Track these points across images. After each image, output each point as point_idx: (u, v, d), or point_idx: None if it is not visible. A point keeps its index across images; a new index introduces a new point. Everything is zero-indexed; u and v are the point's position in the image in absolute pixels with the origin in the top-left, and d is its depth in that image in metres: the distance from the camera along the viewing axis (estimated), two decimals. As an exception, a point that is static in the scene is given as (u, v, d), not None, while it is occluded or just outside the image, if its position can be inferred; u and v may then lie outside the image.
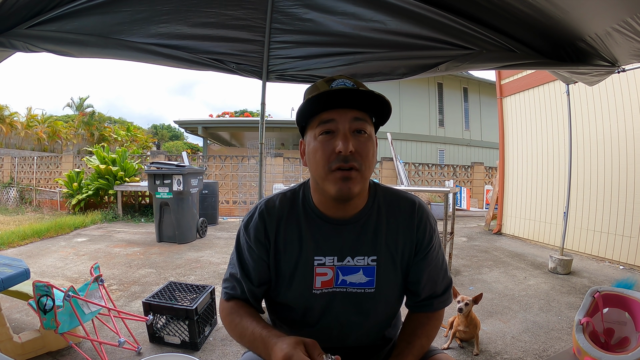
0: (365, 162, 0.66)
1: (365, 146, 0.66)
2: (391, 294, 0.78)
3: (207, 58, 1.89)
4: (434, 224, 0.81)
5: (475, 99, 14.20)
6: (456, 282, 3.11)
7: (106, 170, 6.95)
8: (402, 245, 0.76)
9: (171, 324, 1.98)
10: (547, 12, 1.43)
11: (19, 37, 1.44)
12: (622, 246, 3.70)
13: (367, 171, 0.68)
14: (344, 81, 0.68)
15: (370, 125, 0.69)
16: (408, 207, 0.78)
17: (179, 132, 34.85)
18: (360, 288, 0.74)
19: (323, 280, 0.73)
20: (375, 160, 0.71)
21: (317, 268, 0.73)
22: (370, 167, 0.68)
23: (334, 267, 0.73)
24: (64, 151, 17.14)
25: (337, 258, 0.73)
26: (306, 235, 0.74)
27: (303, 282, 0.74)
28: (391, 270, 0.76)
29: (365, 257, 0.74)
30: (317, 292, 0.74)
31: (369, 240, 0.74)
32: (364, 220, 0.75)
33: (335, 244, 0.74)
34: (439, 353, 0.81)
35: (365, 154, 0.66)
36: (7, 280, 1.64)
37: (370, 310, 0.76)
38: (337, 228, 0.74)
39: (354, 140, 0.65)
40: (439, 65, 1.76)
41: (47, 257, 3.89)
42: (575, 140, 3.98)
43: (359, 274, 0.74)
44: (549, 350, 1.92)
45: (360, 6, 1.63)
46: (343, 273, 0.74)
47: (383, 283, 0.75)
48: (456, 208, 6.29)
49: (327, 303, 0.75)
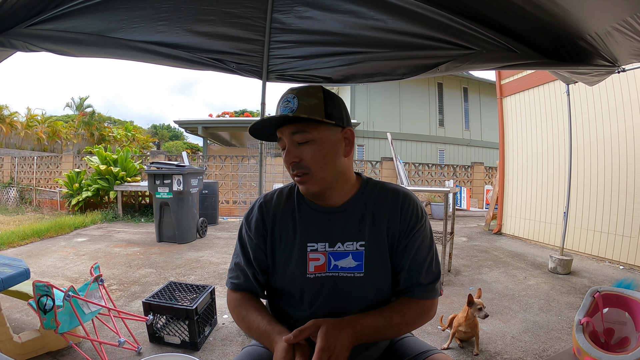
0: (314, 165, 0.75)
1: (309, 152, 0.75)
2: (380, 280, 0.81)
3: (206, 58, 1.88)
4: (420, 214, 0.82)
5: (475, 99, 14.20)
6: (456, 282, 3.12)
7: (107, 170, 6.95)
8: (387, 232, 0.81)
9: (171, 324, 1.98)
10: (548, 11, 1.43)
11: (18, 36, 1.44)
12: (622, 246, 3.70)
13: (319, 171, 0.76)
14: (287, 97, 0.77)
15: (315, 130, 0.75)
16: (394, 197, 0.83)
17: (179, 132, 34.86)
18: (350, 272, 0.79)
19: (316, 265, 0.80)
20: (335, 157, 0.78)
21: (310, 254, 0.80)
22: (322, 166, 0.76)
23: (325, 252, 0.80)
24: (64, 151, 17.14)
25: (328, 244, 0.80)
26: (300, 225, 0.82)
27: (298, 267, 0.80)
28: (378, 256, 0.80)
29: (354, 242, 0.80)
30: (311, 276, 0.80)
31: (356, 226, 0.81)
32: (352, 208, 0.82)
33: (326, 231, 0.81)
34: (437, 353, 0.81)
35: (311, 158, 0.75)
36: (7, 280, 1.64)
37: (360, 294, 0.80)
38: (327, 216, 0.82)
39: (297, 151, 0.76)
40: (439, 66, 1.76)
41: (47, 257, 3.89)
42: (575, 140, 3.99)
43: (349, 258, 0.80)
44: (549, 350, 1.91)
45: (361, 5, 1.62)
46: (335, 258, 0.80)
47: (371, 268, 0.80)
48: (456, 208, 6.29)
49: (321, 287, 0.80)
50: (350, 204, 0.82)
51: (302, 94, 0.76)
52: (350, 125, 0.82)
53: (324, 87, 0.80)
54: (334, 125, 0.77)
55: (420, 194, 8.07)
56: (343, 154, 0.79)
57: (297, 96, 0.76)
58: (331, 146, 0.77)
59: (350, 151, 0.81)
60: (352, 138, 0.80)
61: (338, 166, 0.78)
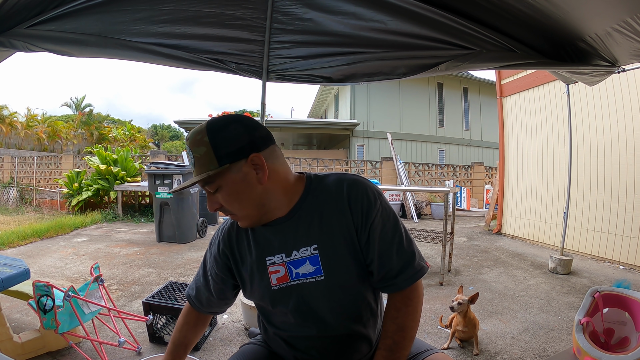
0: (232, 207, 0.75)
1: (223, 198, 0.74)
2: (344, 279, 0.78)
3: (207, 58, 1.88)
4: (371, 199, 0.77)
5: (475, 99, 14.20)
6: (456, 282, 3.12)
7: (107, 170, 6.95)
8: (339, 229, 0.77)
9: (171, 324, 1.98)
10: (547, 12, 1.43)
11: (18, 36, 1.44)
12: (622, 246, 3.70)
13: (241, 211, 0.76)
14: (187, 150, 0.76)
15: (217, 177, 0.72)
16: (338, 189, 0.78)
17: (179, 132, 34.85)
18: (312, 277, 0.78)
19: (277, 277, 0.80)
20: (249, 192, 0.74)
21: (270, 267, 0.81)
22: (240, 207, 0.75)
23: (284, 263, 0.80)
24: (64, 151, 17.13)
25: (284, 254, 0.79)
26: (254, 242, 0.83)
27: (261, 282, 0.81)
28: (335, 255, 0.77)
29: (307, 247, 0.78)
30: (276, 287, 0.80)
31: (305, 230, 0.78)
32: (299, 213, 0.79)
33: (279, 242, 0.80)
34: (436, 352, 0.81)
35: (227, 203, 0.75)
36: (7, 280, 1.64)
37: (327, 297, 0.79)
38: (277, 227, 0.80)
39: (215, 198, 0.75)
40: (439, 65, 1.76)
41: (47, 257, 3.89)
42: (575, 140, 3.99)
43: (307, 264, 0.78)
44: (549, 350, 1.92)
45: (361, 6, 1.62)
46: (294, 266, 0.79)
47: (330, 269, 0.77)
48: (456, 208, 6.29)
49: (289, 297, 0.80)
50: (296, 210, 0.79)
51: (193, 144, 0.72)
52: (258, 146, 0.73)
53: (209, 125, 0.73)
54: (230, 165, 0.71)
55: (420, 194, 8.07)
56: (257, 182, 0.73)
57: (190, 148, 0.73)
58: (240, 184, 0.73)
59: (264, 176, 0.73)
60: (261, 163, 0.72)
61: (257, 197, 0.75)
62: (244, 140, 0.72)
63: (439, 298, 2.69)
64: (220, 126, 0.72)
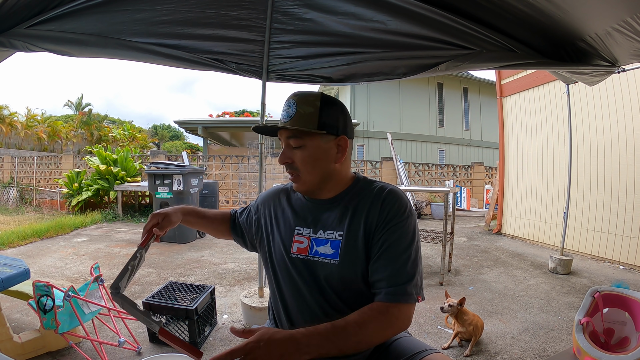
0: (303, 168, 0.84)
1: (300, 156, 0.84)
2: (353, 270, 0.82)
3: (207, 58, 1.89)
4: (402, 210, 0.81)
5: (475, 99, 14.20)
6: (456, 282, 3.12)
7: (107, 170, 6.95)
8: (364, 224, 0.83)
9: (171, 324, 1.98)
10: (547, 12, 1.43)
11: (18, 36, 1.44)
12: (622, 246, 3.71)
13: (307, 174, 0.85)
14: (289, 102, 0.84)
15: (307, 137, 0.82)
16: (378, 192, 0.86)
17: (179, 132, 34.84)
18: (327, 259, 0.84)
19: (299, 247, 0.87)
20: (324, 163, 0.84)
21: (296, 236, 0.89)
22: (310, 170, 0.84)
23: (309, 237, 0.88)
24: (64, 151, 17.13)
25: (312, 230, 0.88)
26: (292, 210, 0.94)
27: (284, 245, 0.90)
28: (354, 247, 0.82)
29: (334, 231, 0.85)
30: (294, 256, 0.87)
31: (338, 218, 0.86)
32: (338, 202, 0.89)
33: (312, 219, 0.89)
34: (434, 352, 0.81)
35: (300, 162, 0.84)
36: (7, 280, 1.64)
37: (334, 280, 0.83)
38: (315, 206, 0.91)
39: (291, 153, 0.85)
40: (439, 65, 1.76)
41: (47, 257, 3.89)
42: (575, 140, 3.99)
43: (327, 245, 0.85)
44: (549, 350, 1.92)
45: (361, 6, 1.62)
46: (316, 244, 0.86)
47: (346, 257, 0.82)
48: (456, 208, 6.29)
49: (302, 268, 0.86)
50: (337, 198, 0.89)
51: (301, 101, 0.82)
52: (348, 133, 0.86)
53: (324, 95, 0.83)
54: (325, 134, 0.82)
55: (420, 194, 8.07)
56: (334, 160, 0.85)
57: (297, 103, 0.82)
58: (321, 153, 0.84)
59: (342, 158, 0.85)
60: (345, 146, 0.85)
61: (327, 171, 0.85)
62: (342, 122, 0.85)
63: (439, 298, 2.69)
64: (332, 101, 0.84)
